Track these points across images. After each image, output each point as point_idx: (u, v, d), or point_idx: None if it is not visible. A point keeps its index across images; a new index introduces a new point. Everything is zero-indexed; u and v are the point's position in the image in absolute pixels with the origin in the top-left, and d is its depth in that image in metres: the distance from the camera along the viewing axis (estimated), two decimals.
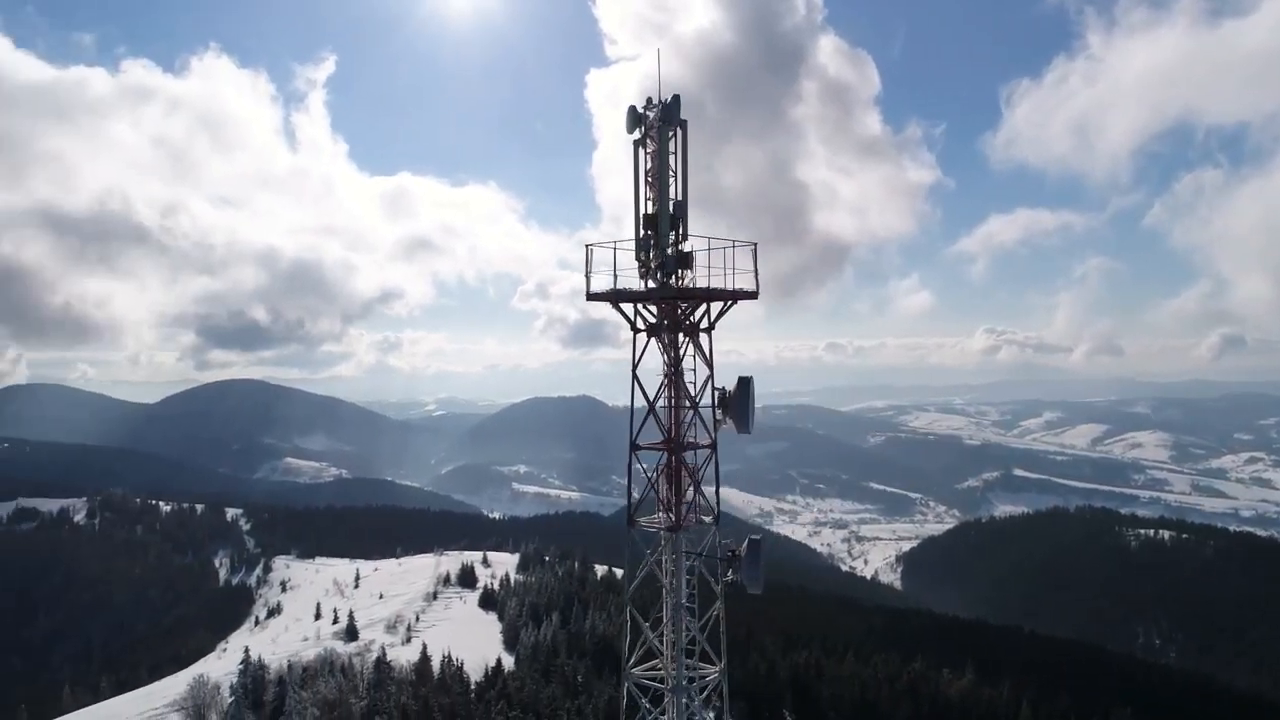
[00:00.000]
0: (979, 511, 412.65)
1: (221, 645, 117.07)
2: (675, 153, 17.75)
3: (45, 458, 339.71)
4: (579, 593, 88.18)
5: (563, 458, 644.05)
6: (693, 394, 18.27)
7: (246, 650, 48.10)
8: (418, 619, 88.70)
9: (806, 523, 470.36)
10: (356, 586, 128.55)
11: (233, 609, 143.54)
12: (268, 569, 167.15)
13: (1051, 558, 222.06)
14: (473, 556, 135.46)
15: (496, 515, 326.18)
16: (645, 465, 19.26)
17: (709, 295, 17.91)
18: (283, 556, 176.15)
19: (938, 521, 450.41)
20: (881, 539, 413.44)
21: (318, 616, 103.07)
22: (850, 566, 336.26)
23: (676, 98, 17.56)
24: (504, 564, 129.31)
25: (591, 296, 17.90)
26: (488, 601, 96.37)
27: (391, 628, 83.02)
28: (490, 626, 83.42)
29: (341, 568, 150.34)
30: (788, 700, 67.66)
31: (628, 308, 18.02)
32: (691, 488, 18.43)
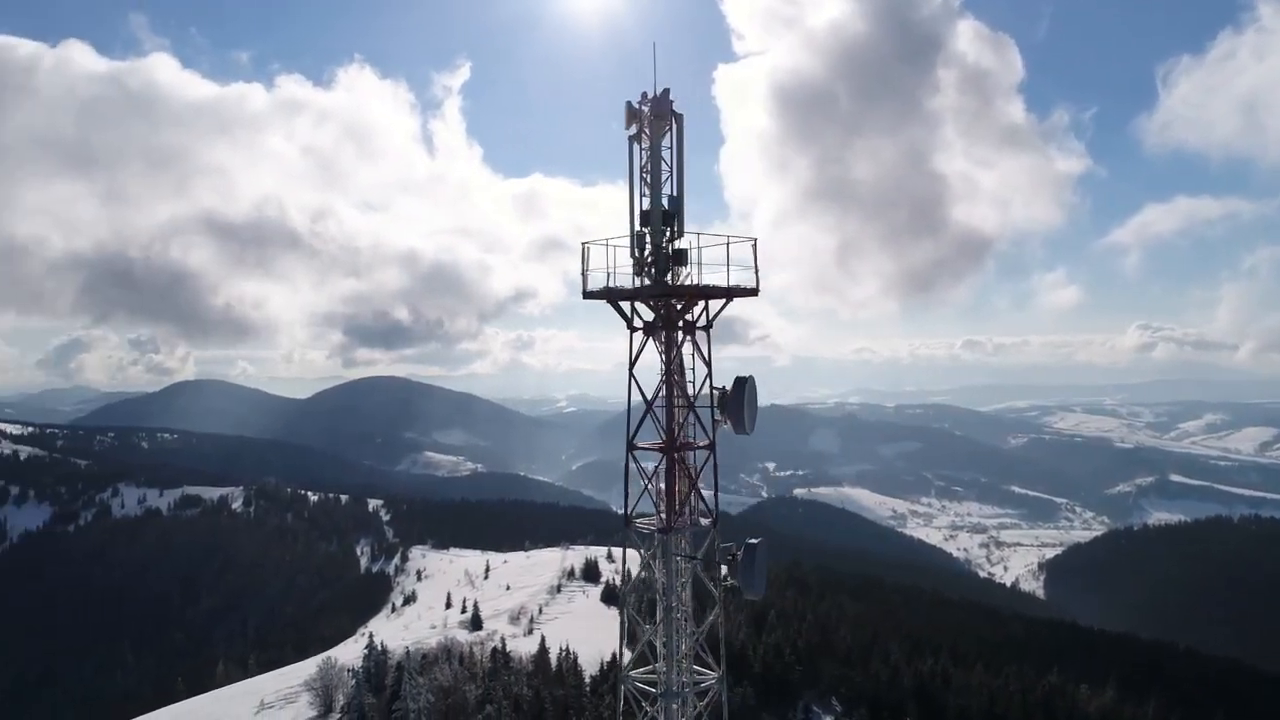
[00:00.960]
0: (1130, 519, 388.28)
1: (361, 630, 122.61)
2: (671, 148, 17.53)
3: (209, 449, 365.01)
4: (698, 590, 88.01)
5: None
6: (691, 393, 18.23)
7: (371, 635, 50.34)
8: (540, 611, 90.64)
9: (942, 526, 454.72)
10: (486, 578, 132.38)
11: (372, 595, 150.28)
12: (405, 558, 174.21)
13: (1212, 570, 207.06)
14: (598, 551, 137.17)
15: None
16: (652, 466, 19.02)
17: (703, 292, 17.67)
18: (419, 547, 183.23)
19: (1084, 528, 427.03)
20: (1023, 545, 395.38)
21: (448, 605, 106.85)
22: (989, 573, 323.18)
23: (666, 91, 17.27)
24: (630, 560, 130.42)
25: (587, 295, 17.80)
26: (610, 596, 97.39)
27: (515, 619, 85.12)
28: (610, 621, 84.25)
29: (473, 559, 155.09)
30: (911, 709, 65.56)
31: (624, 306, 17.88)
32: (691, 489, 18.41)
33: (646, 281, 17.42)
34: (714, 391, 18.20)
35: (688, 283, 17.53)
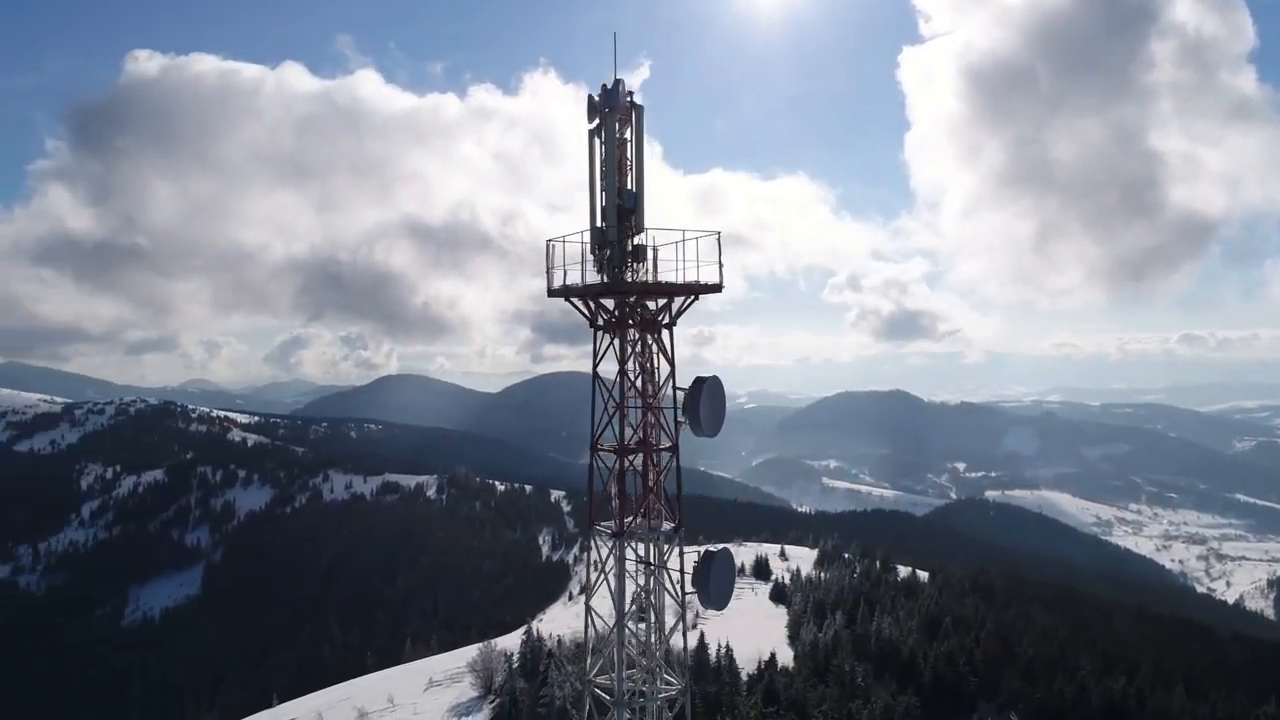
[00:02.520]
0: None
1: (540, 616, 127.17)
2: (631, 141, 17.06)
3: (409, 439, 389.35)
4: (870, 593, 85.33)
5: (875, 454, 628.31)
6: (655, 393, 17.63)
7: (528, 622, 52.15)
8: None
9: (1154, 535, 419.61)
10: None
11: (551, 583, 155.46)
12: (583, 548, 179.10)
13: None
14: (770, 549, 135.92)
15: (805, 509, 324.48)
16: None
17: (661, 289, 17.15)
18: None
19: None
20: (1250, 559, 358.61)
21: None
22: (1208, 588, 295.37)
23: (619, 82, 16.76)
24: (801, 558, 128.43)
25: (550, 293, 17.45)
26: (778, 595, 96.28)
27: (678, 612, 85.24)
28: (777, 620, 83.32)
29: (641, 548, 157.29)
30: None
31: (588, 305, 17.44)
32: (648, 492, 17.73)
33: (605, 279, 17.04)
34: (676, 392, 17.57)
35: (645, 279, 17.11)
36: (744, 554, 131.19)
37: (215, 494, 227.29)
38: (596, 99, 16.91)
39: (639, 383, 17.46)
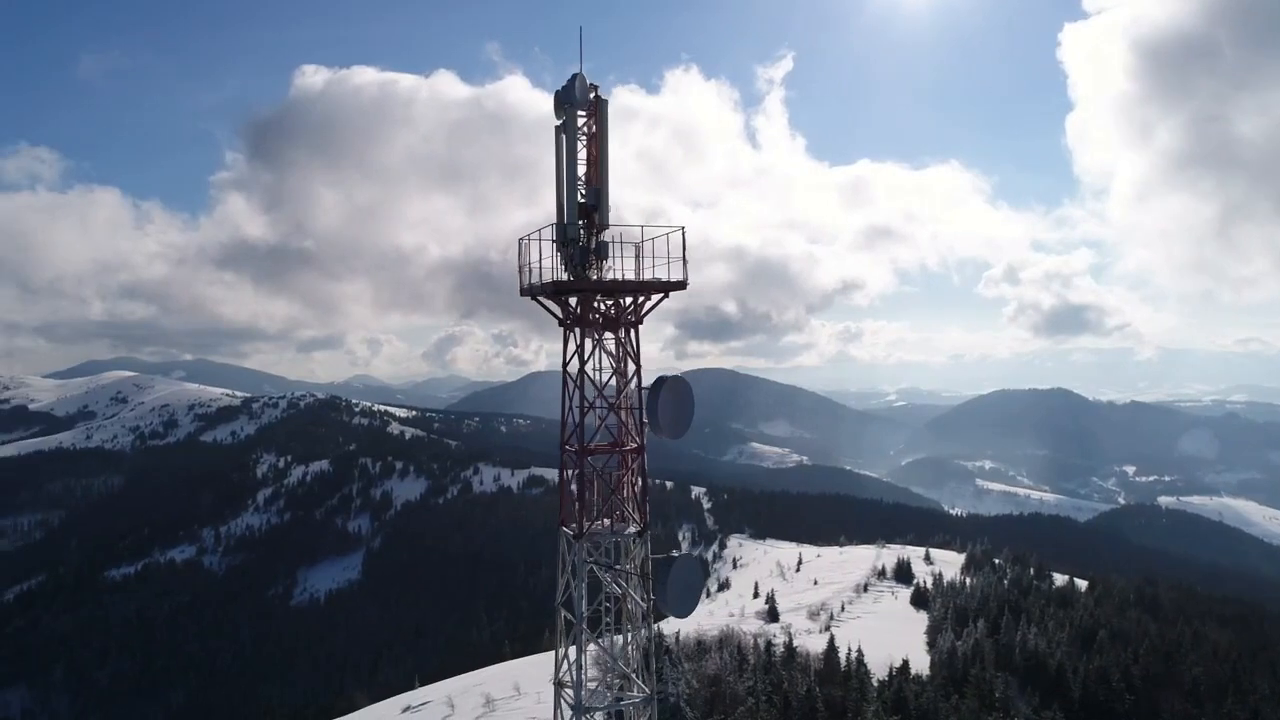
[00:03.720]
0: None
1: None
2: (595, 136, 16.50)
3: (556, 434, 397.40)
4: (1018, 601, 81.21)
5: (1034, 455, 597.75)
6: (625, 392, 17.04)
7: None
8: (843, 609, 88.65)
9: None
10: (798, 570, 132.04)
11: None
12: (723, 546, 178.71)
13: None
14: (915, 552, 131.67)
15: (957, 511, 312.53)
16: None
17: (620, 287, 16.58)
18: (737, 535, 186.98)
19: None
20: None
21: (755, 595, 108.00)
22: None
23: (575, 77, 16.08)
24: (948, 562, 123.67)
25: (522, 293, 16.99)
26: (919, 600, 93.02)
27: (814, 615, 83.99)
28: (916, 626, 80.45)
29: (787, 551, 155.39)
30: None
31: (554, 304, 16.97)
32: (611, 494, 17.12)
33: (570, 277, 16.61)
34: (641, 392, 16.79)
35: (610, 277, 16.65)
36: (886, 556, 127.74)
37: (375, 484, 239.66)
38: (561, 94, 16.59)
39: (615, 382, 16.89)
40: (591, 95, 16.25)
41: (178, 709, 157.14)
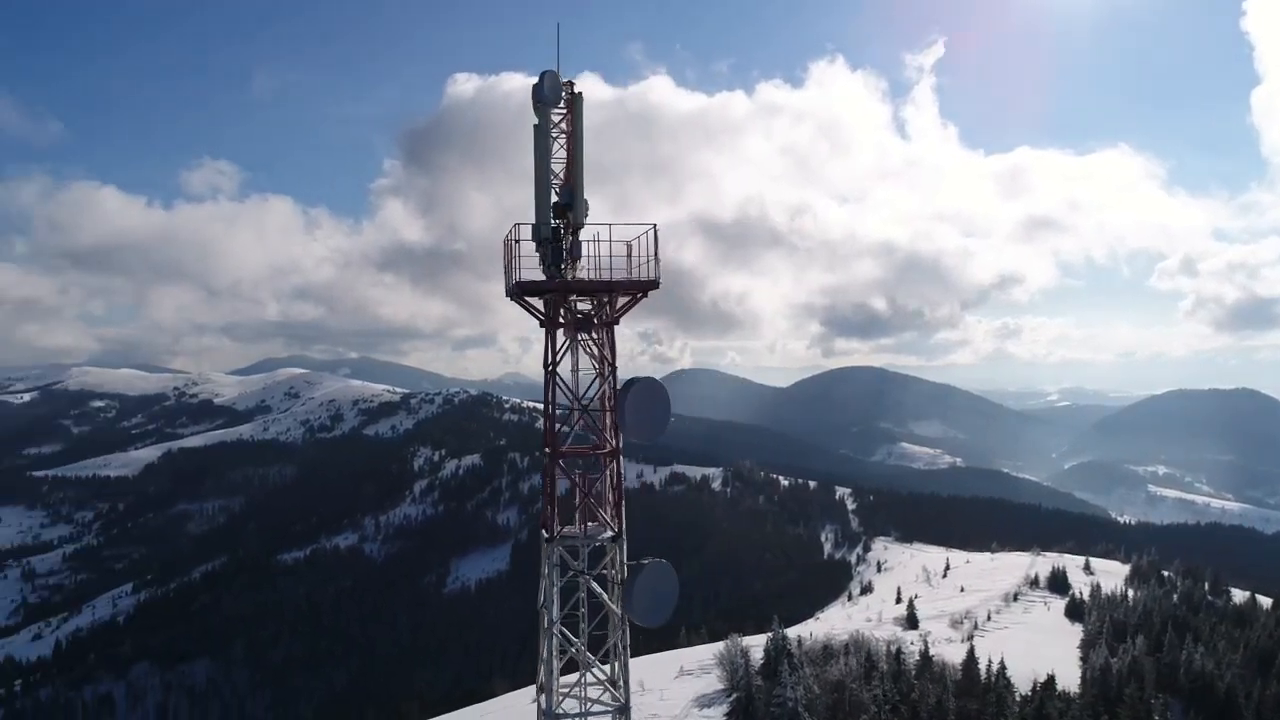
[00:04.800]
0: None
1: (817, 614, 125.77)
2: (569, 133, 15.84)
3: (699, 431, 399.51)
4: (1186, 618, 75.51)
5: (1216, 460, 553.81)
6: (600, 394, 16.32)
7: (776, 620, 51.55)
8: (988, 618, 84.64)
9: None
10: (944, 576, 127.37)
11: (831, 582, 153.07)
12: (867, 548, 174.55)
13: None
14: (1073, 560, 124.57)
15: (1126, 519, 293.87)
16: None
17: (589, 287, 15.96)
18: (882, 538, 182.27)
19: None
20: None
21: (898, 600, 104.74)
22: None
23: (544, 75, 15.45)
24: (1109, 573, 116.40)
25: (507, 294, 16.39)
26: (1074, 611, 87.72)
27: (956, 623, 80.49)
28: (1068, 639, 75.87)
29: (934, 555, 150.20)
30: None
31: (535, 304, 16.30)
32: (584, 497, 16.60)
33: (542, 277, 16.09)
34: (615, 393, 15.93)
35: (584, 277, 16.11)
36: (1041, 564, 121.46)
37: (523, 478, 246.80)
38: (534, 92, 16.20)
39: (597, 384, 16.46)
40: (566, 93, 15.93)
41: (340, 689, 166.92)
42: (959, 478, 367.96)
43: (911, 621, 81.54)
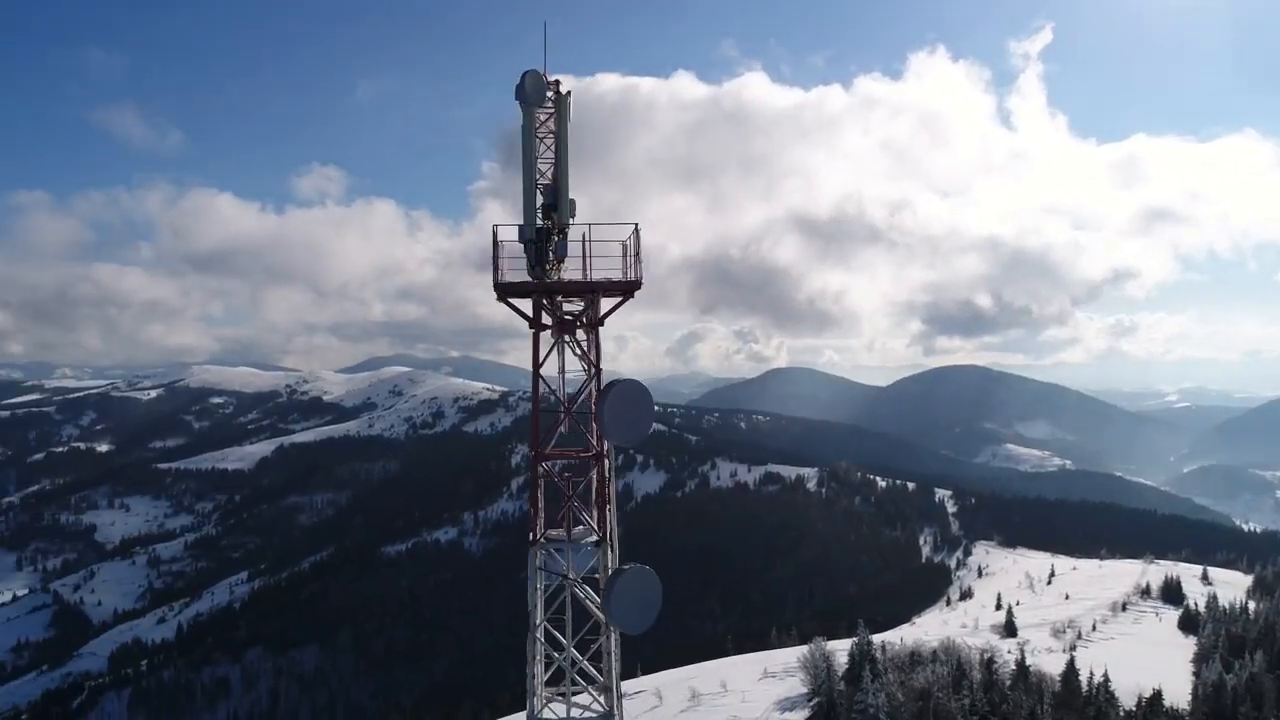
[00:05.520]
0: None
1: (913, 618, 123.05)
2: (555, 131, 15.80)
3: (794, 431, 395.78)
4: None
5: None
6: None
7: (861, 624, 50.53)
8: (1094, 628, 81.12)
9: None
10: (1049, 583, 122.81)
11: (929, 586, 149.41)
12: (967, 552, 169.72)
13: None
14: (1189, 569, 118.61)
15: (1251, 527, 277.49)
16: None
17: (569, 289, 15.87)
18: (984, 542, 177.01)
19: None
20: None
21: (998, 607, 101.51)
22: None
23: (526, 74, 15.30)
24: (1229, 584, 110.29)
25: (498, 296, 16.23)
26: (1188, 623, 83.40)
27: (1058, 632, 77.39)
28: (1180, 653, 72.13)
29: (1038, 561, 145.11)
30: None
31: (522, 304, 16.18)
32: (568, 501, 16.35)
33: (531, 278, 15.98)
34: (598, 395, 15.46)
35: (567, 278, 16.02)
36: (1153, 573, 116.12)
37: (617, 476, 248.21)
38: (516, 92, 16.16)
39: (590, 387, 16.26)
40: (551, 92, 15.91)
41: (439, 680, 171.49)
42: (1068, 481, 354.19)
43: (1010, 629, 78.88)
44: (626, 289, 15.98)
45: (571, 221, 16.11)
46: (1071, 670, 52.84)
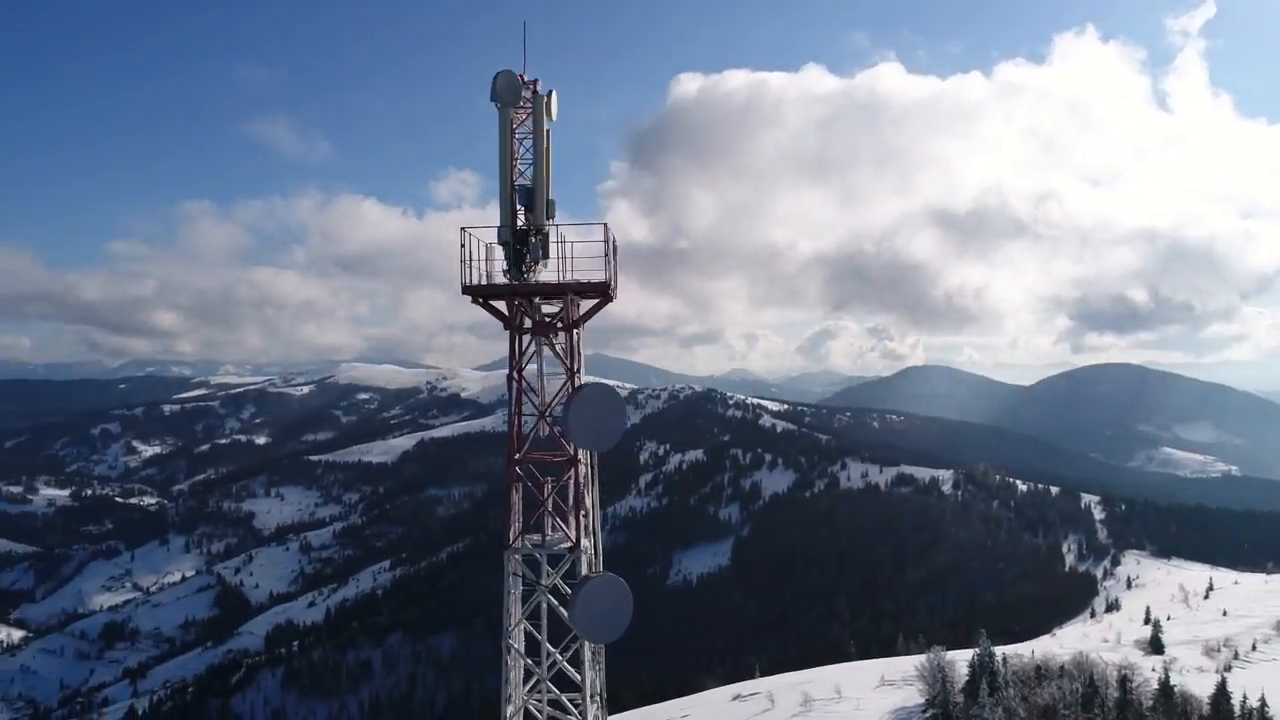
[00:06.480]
0: None
1: (1054, 630, 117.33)
2: (533, 131, 15.56)
3: (930, 431, 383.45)
4: None
5: None
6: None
7: (983, 634, 48.23)
8: (1253, 648, 74.77)
9: None
10: (1206, 598, 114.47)
11: (1071, 597, 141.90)
12: (1116, 562, 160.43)
13: None
14: None
15: None
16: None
17: (539, 290, 15.59)
18: (1135, 551, 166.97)
19: None
20: None
21: (1146, 621, 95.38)
22: None
23: (498, 75, 15.01)
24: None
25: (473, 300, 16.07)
26: None
27: (1211, 651, 71.68)
28: None
29: (1195, 574, 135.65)
30: None
31: (499, 305, 15.82)
32: (541, 506, 16.11)
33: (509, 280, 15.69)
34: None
35: (543, 279, 15.74)
36: None
37: (745, 474, 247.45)
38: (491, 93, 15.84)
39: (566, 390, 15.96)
40: (528, 91, 15.58)
41: None
42: (1233, 488, 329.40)
43: (1155, 645, 73.87)
44: (599, 290, 15.76)
45: (550, 223, 16.01)
46: (1222, 693, 49.06)
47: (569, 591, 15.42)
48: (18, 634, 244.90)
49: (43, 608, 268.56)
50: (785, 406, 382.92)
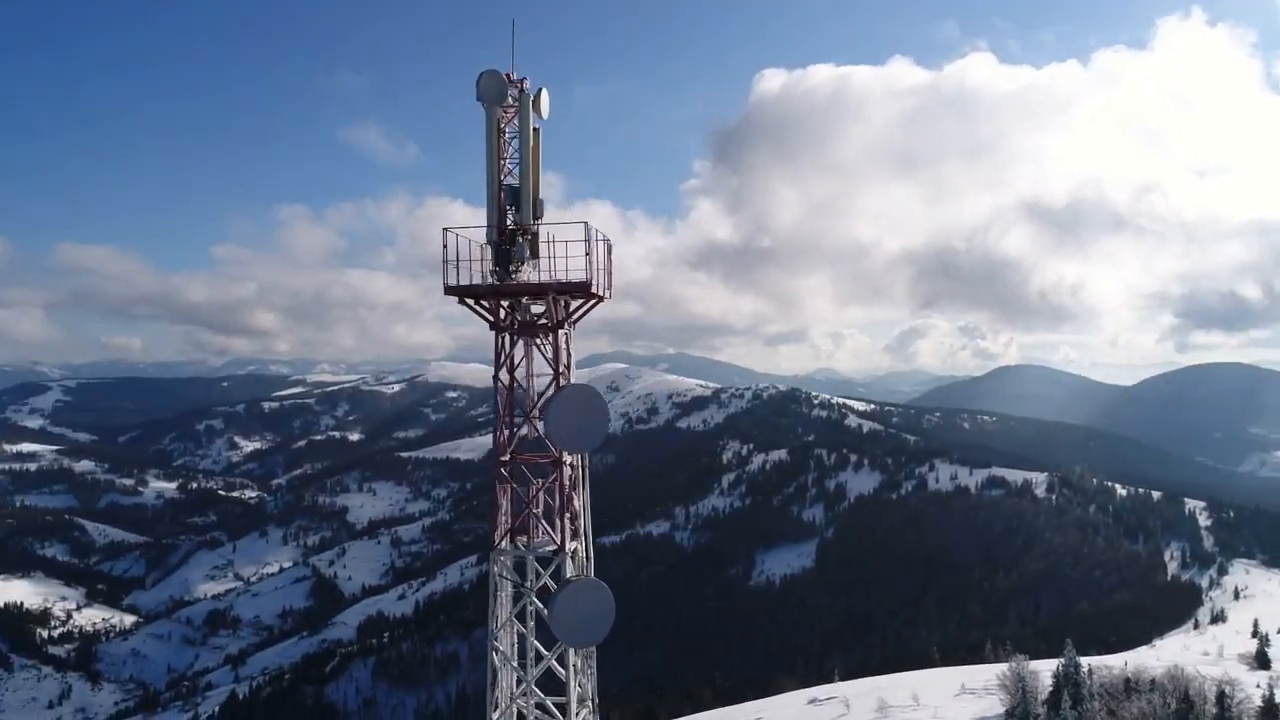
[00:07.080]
0: None
1: (1154, 641, 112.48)
2: (519, 130, 15.45)
3: (1024, 433, 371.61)
4: None
5: None
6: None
7: (1069, 643, 46.32)
8: None
9: None
10: None
11: (1174, 606, 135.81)
12: (1222, 571, 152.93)
13: None
14: None
15: None
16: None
17: (520, 290, 15.47)
18: (1244, 560, 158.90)
19: None
20: None
21: (1254, 634, 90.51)
22: None
23: (483, 74, 14.81)
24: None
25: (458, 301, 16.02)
26: None
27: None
28: None
29: None
30: None
31: (483, 304, 15.75)
32: (526, 508, 16.11)
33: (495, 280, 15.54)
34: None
35: (529, 279, 15.65)
36: None
37: (830, 475, 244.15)
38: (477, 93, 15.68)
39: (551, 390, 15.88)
40: (515, 90, 15.35)
41: (652, 668, 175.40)
42: None
43: (1262, 660, 69.96)
44: (582, 290, 15.57)
45: (538, 222, 15.89)
46: (1270, 706, 46.25)
47: None
48: (129, 619, 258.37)
49: (152, 595, 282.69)
50: (872, 406, 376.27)
